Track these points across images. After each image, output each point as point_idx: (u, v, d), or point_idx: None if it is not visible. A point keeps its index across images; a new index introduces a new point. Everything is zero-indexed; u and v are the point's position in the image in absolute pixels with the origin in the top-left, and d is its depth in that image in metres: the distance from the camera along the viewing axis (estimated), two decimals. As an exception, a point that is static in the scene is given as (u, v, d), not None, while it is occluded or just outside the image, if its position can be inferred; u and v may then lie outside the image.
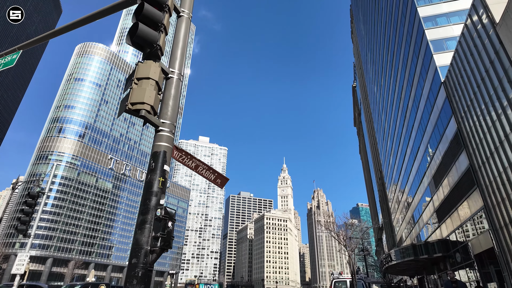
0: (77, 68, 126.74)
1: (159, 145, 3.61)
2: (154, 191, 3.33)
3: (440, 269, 30.85)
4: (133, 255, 3.06)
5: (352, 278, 13.65)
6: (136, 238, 3.14)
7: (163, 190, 3.39)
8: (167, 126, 3.74)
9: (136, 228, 3.25)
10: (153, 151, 3.61)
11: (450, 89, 21.79)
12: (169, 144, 3.66)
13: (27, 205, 12.73)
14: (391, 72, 42.59)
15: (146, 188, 3.36)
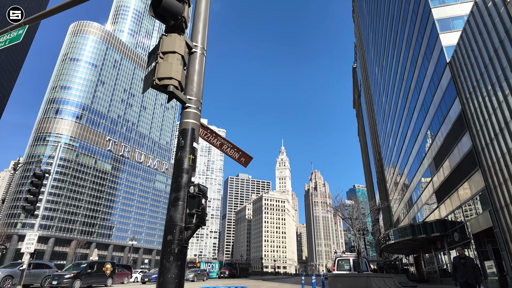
0: (71, 48, 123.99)
1: (186, 122, 3.51)
2: (185, 168, 3.27)
3: (437, 248, 31.64)
4: (168, 232, 3.04)
5: (357, 257, 14.02)
6: (170, 215, 3.11)
7: (193, 168, 3.33)
8: (193, 102, 3.62)
9: (169, 205, 3.20)
10: (181, 128, 3.52)
11: (456, 69, 21.52)
12: (196, 121, 3.56)
13: (34, 186, 12.74)
14: (393, 53, 41.95)
15: (176, 166, 3.30)
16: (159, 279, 2.85)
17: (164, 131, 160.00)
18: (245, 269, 67.92)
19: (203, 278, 38.35)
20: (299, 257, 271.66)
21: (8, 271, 19.33)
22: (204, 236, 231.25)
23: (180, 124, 3.52)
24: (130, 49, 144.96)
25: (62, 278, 19.30)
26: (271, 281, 42.99)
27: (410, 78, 34.31)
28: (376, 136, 72.80)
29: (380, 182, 74.01)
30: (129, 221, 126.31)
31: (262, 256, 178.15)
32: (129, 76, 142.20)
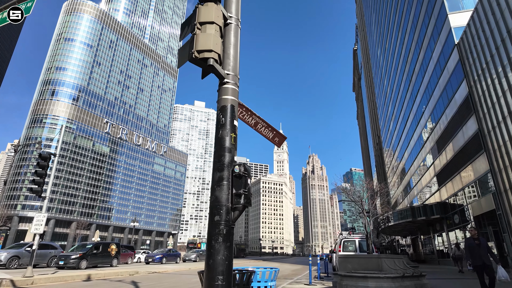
0: (66, 27, 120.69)
1: (225, 98, 3.31)
2: (227, 147, 3.10)
3: (436, 230, 32.21)
4: (215, 212, 2.90)
5: (367, 238, 14.23)
6: (216, 195, 2.96)
7: (235, 147, 3.17)
8: (231, 78, 3.41)
9: (213, 185, 3.05)
10: (220, 105, 3.32)
11: (464, 51, 21.14)
12: (235, 98, 3.36)
13: (40, 167, 12.58)
14: (398, 34, 41.16)
15: (218, 144, 3.13)
16: (208, 260, 2.75)
17: (162, 113, 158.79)
18: (242, 250, 69.29)
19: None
20: (296, 238, 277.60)
21: (15, 251, 19.50)
22: (203, 218, 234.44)
23: (218, 101, 3.32)
24: (126, 29, 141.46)
25: (69, 259, 19.51)
26: (271, 261, 43.95)
27: (415, 61, 33.82)
28: (376, 120, 72.67)
29: (379, 165, 74.53)
30: (128, 203, 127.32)
31: (260, 237, 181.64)
32: (125, 57, 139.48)
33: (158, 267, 23.22)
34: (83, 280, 13.47)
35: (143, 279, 14.26)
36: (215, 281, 2.63)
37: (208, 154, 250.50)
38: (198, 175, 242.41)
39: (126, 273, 16.27)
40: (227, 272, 2.70)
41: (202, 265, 21.89)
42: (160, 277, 15.72)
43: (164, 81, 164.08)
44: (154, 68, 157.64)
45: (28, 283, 11.14)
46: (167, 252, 31.57)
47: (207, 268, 2.73)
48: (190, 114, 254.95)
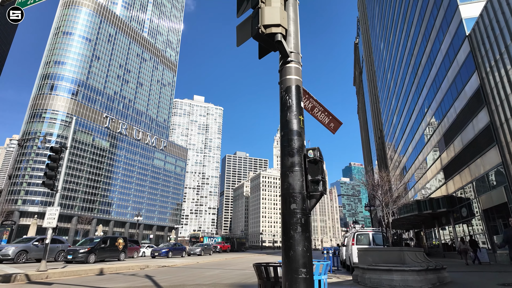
0: (64, 21, 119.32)
1: (289, 78, 3.07)
2: (296, 131, 2.87)
3: (442, 223, 32.21)
4: (291, 200, 2.68)
5: (386, 231, 14.09)
6: (289, 182, 2.74)
7: (304, 130, 2.94)
8: (294, 56, 3.17)
9: (285, 171, 2.83)
10: (285, 86, 3.08)
11: (476, 43, 20.84)
12: (299, 77, 3.13)
13: (52, 160, 12.32)
14: (403, 27, 40.73)
15: (286, 128, 2.90)
16: (288, 252, 2.54)
17: (161, 108, 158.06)
18: (242, 244, 69.51)
19: (209, 252, 39.11)
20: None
21: (23, 246, 19.34)
22: (203, 212, 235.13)
23: (282, 81, 3.08)
24: (124, 23, 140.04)
25: (77, 253, 19.39)
26: (274, 255, 44.08)
27: (421, 53, 33.48)
28: (378, 114, 72.43)
29: (381, 159, 74.47)
30: (129, 197, 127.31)
31: (260, 231, 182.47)
32: (124, 51, 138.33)
33: (165, 261, 23.13)
34: (96, 274, 13.32)
35: (156, 273, 14.12)
36: (298, 274, 2.43)
37: (208, 149, 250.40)
38: (197, 169, 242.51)
39: (137, 267, 16.14)
40: (309, 264, 2.50)
41: (208, 259, 21.81)
42: (171, 271, 15.59)
43: (163, 75, 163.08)
44: (153, 62, 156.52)
45: (43, 277, 10.97)
46: (172, 246, 31.52)
47: (287, 260, 2.52)
48: (190, 109, 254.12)
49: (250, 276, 13.51)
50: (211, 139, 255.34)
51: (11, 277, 10.19)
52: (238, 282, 11.49)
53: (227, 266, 19.87)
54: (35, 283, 10.09)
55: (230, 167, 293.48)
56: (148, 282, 10.81)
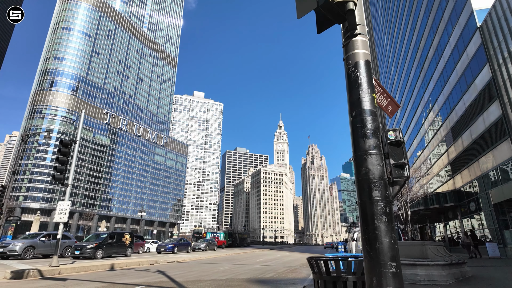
0: (63, 16, 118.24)
1: (357, 53, 2.79)
2: (370, 110, 2.60)
3: (448, 218, 32.08)
4: (371, 187, 2.41)
5: (405, 226, 13.87)
6: (367, 167, 2.48)
7: (377, 110, 2.67)
8: (360, 29, 2.88)
9: (362, 155, 2.56)
10: (353, 61, 2.80)
11: (488, 34, 20.49)
12: (367, 51, 2.85)
13: (61, 154, 12.05)
14: (408, 20, 40.25)
15: (357, 107, 2.62)
16: (373, 244, 2.28)
17: (161, 104, 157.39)
18: (244, 239, 69.50)
19: (213, 247, 39.02)
20: (295, 227, 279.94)
21: (29, 242, 19.14)
22: (204, 208, 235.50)
23: (349, 56, 2.80)
24: (124, 18, 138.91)
25: (85, 248, 19.20)
26: (278, 250, 44.05)
27: (428, 46, 33.09)
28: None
29: (383, 154, 74.24)
30: (130, 193, 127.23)
31: (261, 227, 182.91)
32: (124, 47, 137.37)
33: (172, 256, 22.98)
34: (107, 269, 13.12)
35: (168, 268, 13.93)
36: (388, 268, 2.17)
37: (208, 145, 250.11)
38: (198, 165, 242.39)
39: (147, 263, 15.95)
40: (398, 257, 2.24)
41: (215, 254, 21.68)
42: (182, 266, 15.41)
43: (163, 71, 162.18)
44: (153, 57, 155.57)
45: (55, 273, 10.76)
46: (178, 241, 31.38)
47: (372, 253, 2.26)
48: (190, 105, 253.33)
49: (263, 272, 13.32)
50: (211, 135, 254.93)
51: (23, 273, 9.97)
52: (254, 277, 11.29)
53: (236, 262, 19.71)
54: (49, 279, 9.88)
55: (231, 163, 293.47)
56: (163, 278, 10.60)
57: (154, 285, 9.00)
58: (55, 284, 8.93)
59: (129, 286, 8.71)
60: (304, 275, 12.37)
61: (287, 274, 12.45)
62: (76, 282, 9.38)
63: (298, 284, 9.50)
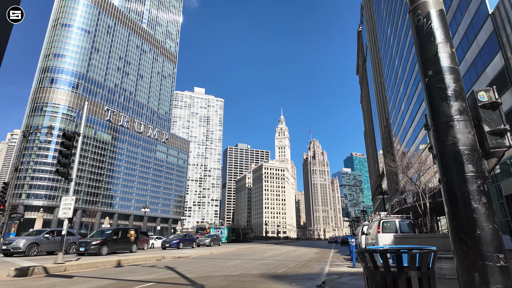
0: (62, 12, 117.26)
1: (428, 1, 2.31)
2: (451, 67, 2.14)
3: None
4: (463, 161, 1.96)
5: (424, 218, 13.52)
6: (454, 137, 2.02)
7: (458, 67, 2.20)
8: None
9: (447, 122, 2.10)
10: (424, 11, 2.32)
11: (501, 21, 19.84)
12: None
13: (65, 147, 11.61)
14: (414, 10, 39.47)
15: (433, 66, 2.16)
16: (472, 231, 1.83)
17: (162, 100, 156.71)
18: (246, 234, 69.38)
19: (218, 243, 38.77)
20: (297, 222, 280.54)
21: (33, 238, 18.80)
22: (206, 204, 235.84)
23: (417, 6, 2.33)
24: (123, 14, 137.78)
25: (90, 245, 18.87)
26: (283, 245, 43.77)
27: (435, 36, 32.38)
28: (384, 102, 71.38)
29: (386, 148, 73.70)
30: (132, 190, 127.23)
31: (263, 222, 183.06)
32: (123, 43, 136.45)
33: (178, 252, 22.66)
34: (114, 266, 12.75)
35: (176, 264, 13.55)
36: (494, 261, 1.72)
37: (209, 141, 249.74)
38: (199, 162, 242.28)
39: (154, 259, 15.59)
40: (504, 248, 1.79)
41: (220, 249, 21.34)
42: (190, 262, 15.04)
43: (163, 67, 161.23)
44: (153, 54, 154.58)
45: (61, 270, 10.38)
46: (183, 237, 31.07)
47: (471, 243, 1.82)
48: (190, 101, 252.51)
49: (274, 267, 12.94)
50: (213, 131, 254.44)
51: (28, 270, 9.59)
52: (267, 272, 10.89)
53: (243, 257, 19.35)
54: (55, 276, 9.50)
55: (232, 159, 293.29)
56: (173, 274, 10.21)
57: (165, 281, 8.60)
58: (62, 281, 8.54)
59: (139, 283, 8.32)
60: (317, 269, 11.98)
61: (299, 269, 12.06)
62: (83, 279, 8.99)
63: (315, 279, 9.10)
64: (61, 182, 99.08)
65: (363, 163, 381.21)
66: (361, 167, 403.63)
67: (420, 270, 2.51)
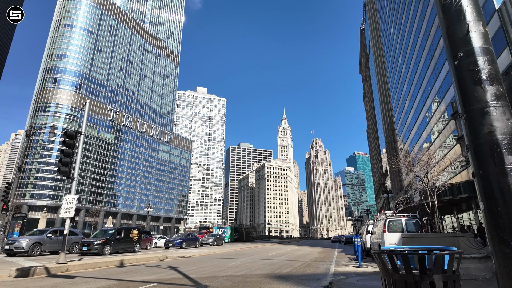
0: (64, 13, 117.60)
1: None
2: (484, 48, 1.92)
3: (461, 210, 31.33)
4: (503, 152, 1.72)
5: (432, 217, 13.27)
6: (491, 125, 1.79)
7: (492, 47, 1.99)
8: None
9: (478, 109, 1.87)
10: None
11: (508, 17, 19.49)
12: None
13: (66, 145, 11.47)
14: (417, 6, 39.06)
15: (464, 47, 1.95)
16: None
17: (164, 100, 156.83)
18: (249, 233, 69.17)
19: (221, 242, 38.61)
20: (300, 222, 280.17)
21: (36, 238, 18.71)
22: (209, 203, 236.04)
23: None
24: (126, 14, 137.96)
25: (92, 245, 18.77)
26: (287, 244, 43.56)
27: (439, 33, 31.97)
28: (387, 100, 70.88)
29: (390, 146, 73.21)
30: (135, 190, 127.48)
31: (266, 221, 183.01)
32: (126, 43, 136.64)
33: (181, 252, 22.52)
34: (116, 266, 12.60)
35: (179, 264, 13.39)
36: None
37: (212, 141, 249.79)
38: (202, 161, 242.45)
39: (157, 258, 15.44)
40: None
41: (223, 249, 21.15)
42: (194, 262, 14.87)
43: (166, 67, 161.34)
44: (156, 53, 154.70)
45: (63, 270, 10.24)
46: (186, 236, 30.94)
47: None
48: (193, 101, 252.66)
49: (279, 266, 12.74)
50: (215, 131, 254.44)
51: (29, 270, 9.45)
52: (271, 272, 10.70)
53: (247, 256, 19.17)
54: (56, 277, 9.36)
55: (235, 158, 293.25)
56: (176, 274, 10.04)
57: (168, 282, 8.43)
58: (63, 282, 8.39)
59: (141, 283, 8.15)
60: (323, 269, 11.77)
61: (304, 269, 11.85)
62: (85, 279, 8.84)
63: (321, 280, 8.89)
64: (64, 182, 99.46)
65: (366, 162, 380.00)
66: (364, 166, 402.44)
67: (445, 273, 2.30)
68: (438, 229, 38.08)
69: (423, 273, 2.29)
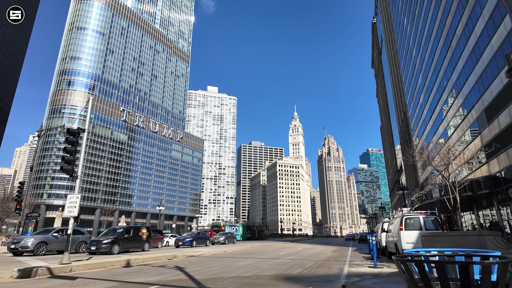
0: (77, 16, 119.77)
1: None
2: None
3: (482, 206, 30.00)
4: None
5: (452, 214, 12.51)
6: None
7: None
8: None
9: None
10: None
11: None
12: None
13: (69, 143, 11.25)
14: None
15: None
16: None
17: (176, 99, 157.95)
18: (261, 232, 68.79)
19: (233, 240, 38.34)
20: (313, 220, 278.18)
21: (42, 237, 18.64)
22: (221, 202, 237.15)
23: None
24: (136, 15, 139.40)
25: (101, 244, 18.66)
26: (299, 242, 42.90)
27: (456, 22, 30.61)
28: (401, 95, 69.01)
29: (404, 142, 71.31)
30: (149, 189, 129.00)
31: (278, 219, 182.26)
32: (137, 44, 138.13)
33: (191, 251, 22.25)
34: (122, 266, 12.33)
35: (186, 264, 13.02)
36: None
37: (223, 140, 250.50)
38: (214, 160, 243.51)
39: (165, 258, 15.14)
40: None
41: (234, 247, 20.65)
42: (202, 261, 14.50)
43: (176, 67, 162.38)
44: (166, 54, 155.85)
45: (66, 271, 10.00)
46: (196, 235, 30.73)
47: None
48: (204, 100, 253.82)
49: (289, 267, 12.20)
50: (226, 130, 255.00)
51: (31, 271, 9.23)
52: (281, 273, 10.17)
53: (257, 255, 18.69)
54: (58, 278, 9.09)
55: (246, 156, 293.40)
56: (181, 275, 9.64)
57: (171, 284, 8.02)
58: (63, 283, 8.09)
59: (143, 285, 7.77)
60: (336, 270, 11.16)
61: (316, 270, 11.27)
62: (86, 281, 8.53)
63: (334, 282, 8.31)
64: (81, 182, 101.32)
65: (380, 158, 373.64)
66: (377, 163, 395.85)
67: (496, 285, 1.72)
68: (454, 228, 36.73)
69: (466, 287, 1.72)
